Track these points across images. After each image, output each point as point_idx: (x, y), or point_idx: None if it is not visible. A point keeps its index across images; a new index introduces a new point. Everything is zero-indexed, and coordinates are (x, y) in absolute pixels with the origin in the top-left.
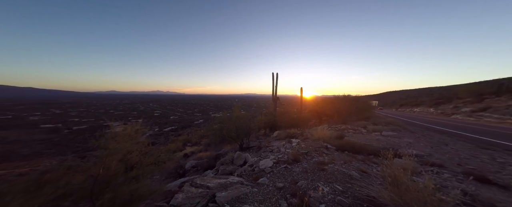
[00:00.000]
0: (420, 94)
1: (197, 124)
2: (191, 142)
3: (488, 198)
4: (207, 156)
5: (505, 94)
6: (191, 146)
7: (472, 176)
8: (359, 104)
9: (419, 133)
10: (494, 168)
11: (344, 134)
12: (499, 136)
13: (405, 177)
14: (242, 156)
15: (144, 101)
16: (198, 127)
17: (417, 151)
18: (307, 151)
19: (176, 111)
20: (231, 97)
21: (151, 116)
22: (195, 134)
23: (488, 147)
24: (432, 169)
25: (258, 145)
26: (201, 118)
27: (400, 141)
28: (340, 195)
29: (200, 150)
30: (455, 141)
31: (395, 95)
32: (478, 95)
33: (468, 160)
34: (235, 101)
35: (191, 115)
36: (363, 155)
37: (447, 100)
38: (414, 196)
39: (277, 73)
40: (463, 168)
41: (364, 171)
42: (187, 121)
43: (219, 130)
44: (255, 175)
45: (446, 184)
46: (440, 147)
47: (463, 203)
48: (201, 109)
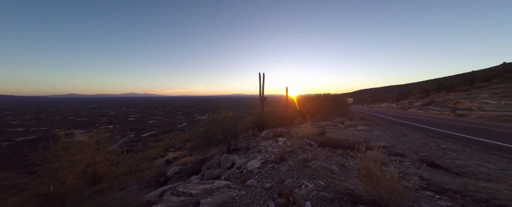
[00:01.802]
0: (385, 92)
1: (180, 127)
2: (173, 147)
3: (438, 181)
4: (192, 161)
5: (443, 91)
6: (173, 151)
7: (425, 163)
8: (337, 102)
9: (385, 126)
10: (439, 154)
11: (325, 130)
12: (440, 126)
13: (376, 168)
14: (230, 158)
15: (115, 105)
16: (182, 130)
17: (384, 143)
18: (292, 149)
19: (156, 114)
20: (218, 98)
21: (125, 121)
22: (178, 138)
23: (434, 135)
24: (396, 159)
25: (246, 145)
26: (185, 121)
27: (371, 134)
28: (323, 190)
29: (184, 155)
30: (411, 132)
31: (366, 93)
32: (425, 92)
33: (421, 148)
34: (222, 102)
35: (173, 118)
36: (341, 150)
37: (404, 97)
38: (384, 185)
39: (264, 73)
40: (418, 156)
41: (342, 165)
42: (168, 125)
43: (204, 132)
44: (243, 177)
45: (407, 171)
46: (401, 138)
47: (421, 188)
48: (184, 111)
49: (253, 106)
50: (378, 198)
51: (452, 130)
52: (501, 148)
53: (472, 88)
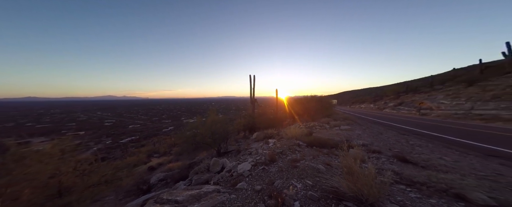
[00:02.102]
0: (364, 94)
1: (165, 132)
2: (158, 152)
3: (408, 175)
4: (179, 166)
5: (410, 92)
6: (158, 157)
7: (397, 158)
8: (323, 103)
9: (365, 126)
10: (409, 150)
11: (313, 130)
12: (409, 124)
13: (356, 166)
14: (219, 161)
15: (88, 109)
16: (168, 135)
17: (363, 141)
18: (282, 150)
19: (137, 118)
20: (207, 100)
21: (100, 127)
22: (163, 143)
23: (404, 133)
24: (374, 156)
25: (237, 148)
26: (171, 124)
27: (353, 133)
28: (311, 189)
29: (169, 161)
30: (386, 130)
31: (349, 95)
32: (396, 93)
33: (394, 145)
34: (211, 104)
35: (157, 122)
36: (327, 149)
37: (380, 98)
38: (363, 182)
39: (254, 76)
40: (392, 152)
41: (328, 163)
42: (152, 129)
43: (192, 136)
44: (234, 181)
45: (383, 167)
46: (378, 136)
47: (395, 182)
48: (170, 115)
49: (244, 108)
50: (359, 194)
51: (418, 127)
52: (455, 142)
53: (432, 91)
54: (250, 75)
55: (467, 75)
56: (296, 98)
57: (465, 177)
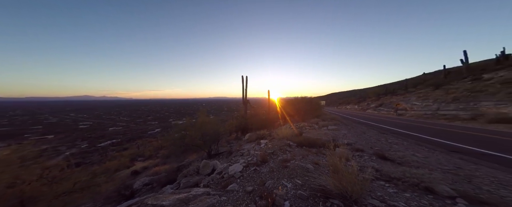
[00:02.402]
0: (350, 95)
1: (151, 134)
2: (143, 155)
3: (387, 171)
4: (166, 170)
5: (388, 94)
6: (143, 161)
7: (377, 156)
8: (312, 104)
9: (350, 125)
10: (387, 147)
11: (303, 130)
12: (387, 123)
13: (341, 164)
14: (210, 163)
15: (58, 111)
16: (154, 137)
17: (348, 141)
18: (273, 150)
19: (118, 120)
20: (198, 101)
21: (74, 129)
22: (148, 146)
23: (384, 132)
24: (357, 154)
25: (228, 149)
26: (158, 126)
27: (339, 133)
28: (300, 188)
29: (156, 164)
30: (369, 130)
31: (336, 96)
32: (377, 95)
33: (375, 143)
34: (202, 105)
35: (142, 124)
36: (316, 148)
37: (363, 100)
38: (348, 179)
39: (247, 76)
40: (373, 150)
41: (316, 163)
42: (136, 132)
43: (180, 138)
44: (224, 182)
45: (365, 164)
46: (361, 136)
47: (376, 178)
48: (157, 116)
49: (236, 109)
50: (344, 192)
51: (395, 126)
52: (425, 140)
53: (406, 93)
54: (243, 76)
55: (434, 80)
56: (287, 100)
57: (432, 172)
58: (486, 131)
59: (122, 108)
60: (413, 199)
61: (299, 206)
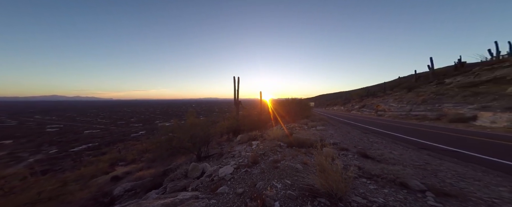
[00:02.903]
0: (337, 97)
1: (135, 137)
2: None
3: (368, 169)
4: (151, 174)
5: (370, 96)
6: (124, 165)
7: (359, 154)
8: (302, 106)
9: (336, 126)
10: (369, 146)
11: (293, 131)
12: (369, 123)
13: (327, 163)
14: (199, 166)
15: (18, 112)
16: (138, 140)
17: (334, 140)
18: (264, 151)
19: (96, 122)
20: (187, 102)
21: (40, 133)
22: (131, 150)
23: (366, 131)
24: (343, 153)
25: (219, 151)
26: (142, 128)
27: (327, 133)
28: (289, 188)
29: (140, 168)
30: (353, 130)
31: (325, 98)
32: (360, 97)
33: (358, 142)
34: (191, 106)
35: (124, 126)
36: (305, 148)
37: (348, 101)
38: (333, 178)
39: (239, 77)
40: (356, 149)
41: (305, 162)
42: (117, 135)
43: (167, 141)
44: (214, 185)
45: (349, 162)
46: (346, 135)
47: (359, 176)
48: (141, 118)
49: (228, 110)
50: (330, 190)
51: (376, 126)
52: (400, 138)
53: (385, 95)
54: (234, 77)
55: (407, 83)
56: (279, 101)
57: (406, 168)
58: (448, 130)
59: (100, 109)
60: (390, 195)
61: (289, 206)
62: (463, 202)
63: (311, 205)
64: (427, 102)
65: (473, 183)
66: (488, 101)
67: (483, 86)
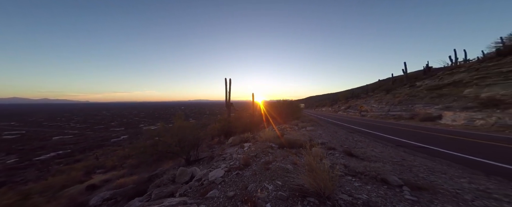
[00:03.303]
0: (325, 99)
1: (116, 142)
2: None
3: (353, 167)
4: (134, 181)
5: (355, 98)
6: (103, 173)
7: (345, 153)
8: (293, 107)
9: (325, 126)
10: (354, 145)
11: (284, 132)
12: (354, 123)
13: (315, 163)
14: (188, 171)
15: None
16: (119, 145)
17: (322, 140)
18: (256, 153)
19: (68, 127)
20: (176, 104)
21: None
22: (111, 156)
23: (351, 131)
24: (330, 152)
25: (210, 155)
26: (124, 133)
27: (316, 133)
28: (280, 189)
29: (121, 175)
30: (339, 129)
31: (314, 99)
32: (346, 99)
33: (344, 142)
34: (180, 109)
35: (102, 131)
36: (295, 149)
37: (335, 102)
38: (321, 177)
39: (230, 79)
40: (343, 148)
41: (295, 163)
42: (94, 140)
43: (153, 145)
44: (204, 190)
45: (336, 161)
46: (333, 135)
47: (344, 174)
48: (124, 122)
49: (219, 112)
50: (318, 189)
51: (359, 126)
52: (381, 137)
53: (367, 96)
54: (226, 79)
55: (386, 85)
56: (271, 103)
57: (385, 164)
58: (419, 128)
59: (73, 113)
60: (373, 191)
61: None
62: (433, 194)
63: (301, 205)
64: (402, 103)
65: (441, 176)
66: (450, 102)
67: (446, 89)
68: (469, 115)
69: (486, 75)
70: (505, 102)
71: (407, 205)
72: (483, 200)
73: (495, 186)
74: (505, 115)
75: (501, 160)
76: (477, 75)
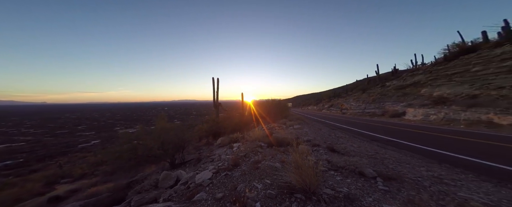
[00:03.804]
0: (311, 98)
1: (85, 147)
2: (70, 176)
3: (336, 161)
4: (109, 189)
5: (336, 97)
6: (70, 183)
7: (328, 149)
8: (281, 106)
9: (310, 124)
10: (336, 141)
11: (273, 131)
12: (335, 120)
13: (301, 160)
14: (172, 174)
15: None
16: (89, 151)
17: (308, 137)
18: (245, 153)
19: (18, 133)
20: (158, 105)
21: None
22: (80, 163)
23: (334, 128)
24: (315, 149)
25: (197, 157)
26: (95, 137)
27: (302, 131)
28: (269, 188)
29: (93, 183)
30: (323, 127)
31: (301, 98)
32: (329, 98)
33: (327, 138)
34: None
35: (66, 136)
36: (283, 147)
37: (320, 101)
38: (307, 173)
39: (218, 79)
40: (326, 144)
41: (283, 161)
42: (55, 147)
43: (131, 149)
44: (190, 193)
45: (321, 157)
46: (318, 132)
47: (328, 169)
48: (94, 125)
49: (207, 112)
50: (305, 185)
51: (340, 123)
52: (358, 133)
53: (347, 96)
54: (213, 78)
55: (362, 85)
56: (260, 102)
57: (362, 158)
58: (389, 123)
59: (24, 117)
60: (352, 184)
61: (269, 205)
62: (401, 183)
63: (289, 201)
64: (376, 101)
65: (405, 166)
66: (411, 100)
67: (408, 89)
68: (425, 111)
69: (437, 77)
70: (450, 100)
71: (381, 195)
72: (437, 185)
73: (445, 172)
74: (450, 110)
75: (448, 149)
76: (430, 77)
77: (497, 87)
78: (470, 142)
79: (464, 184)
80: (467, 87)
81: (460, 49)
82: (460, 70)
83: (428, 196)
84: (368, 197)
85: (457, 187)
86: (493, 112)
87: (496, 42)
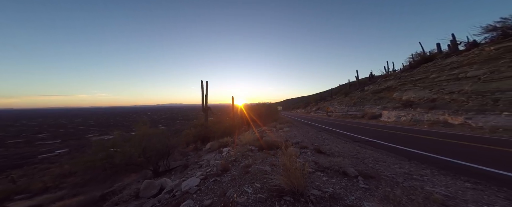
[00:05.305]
0: (300, 101)
1: (47, 158)
2: (28, 191)
3: (322, 162)
4: (80, 202)
5: (323, 100)
6: (28, 198)
7: (315, 151)
8: (271, 110)
9: (299, 126)
10: (322, 143)
11: (263, 134)
12: (322, 123)
13: (289, 162)
14: (156, 183)
15: None
16: (53, 162)
17: (297, 140)
18: (235, 157)
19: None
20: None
21: None
22: (41, 175)
23: (320, 130)
24: (303, 151)
25: (184, 163)
26: (61, 146)
27: (291, 134)
28: (259, 192)
29: (58, 198)
30: (311, 129)
31: (290, 102)
32: (316, 101)
33: (315, 140)
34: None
35: (21, 146)
36: (273, 150)
37: (308, 105)
38: (295, 175)
39: (207, 82)
40: (313, 146)
41: (273, 164)
42: (5, 159)
43: (106, 158)
44: (176, 202)
45: (308, 159)
46: (306, 134)
47: (315, 170)
48: (60, 132)
49: (195, 117)
50: (293, 187)
51: (326, 125)
52: (342, 134)
53: (332, 99)
54: (202, 81)
55: (345, 89)
56: (251, 106)
57: (345, 159)
58: (368, 125)
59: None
60: (337, 183)
61: None
62: (379, 181)
63: (278, 204)
64: (356, 105)
65: (382, 164)
66: (386, 103)
67: (383, 93)
68: (397, 113)
69: (404, 83)
70: (415, 103)
71: (361, 193)
72: (409, 181)
73: (414, 169)
74: (416, 112)
75: (415, 147)
76: (400, 83)
77: (449, 92)
78: (432, 140)
79: (429, 178)
80: (427, 92)
81: (421, 58)
82: (422, 77)
83: (401, 192)
84: (350, 196)
85: (424, 182)
86: (448, 113)
87: (446, 53)
